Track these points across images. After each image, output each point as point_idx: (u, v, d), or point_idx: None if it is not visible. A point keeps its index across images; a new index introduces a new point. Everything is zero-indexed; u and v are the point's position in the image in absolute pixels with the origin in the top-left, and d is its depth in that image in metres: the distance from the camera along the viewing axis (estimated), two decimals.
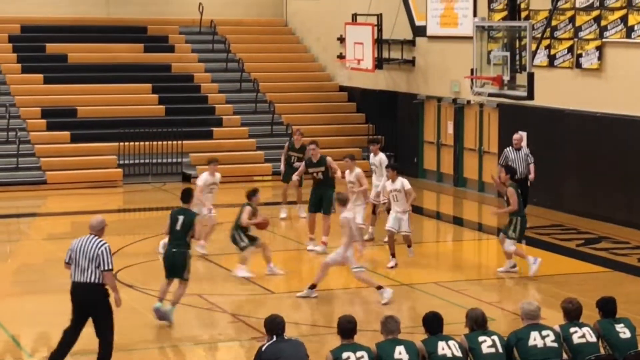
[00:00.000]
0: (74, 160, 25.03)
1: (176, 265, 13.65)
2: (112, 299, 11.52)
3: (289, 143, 20.67)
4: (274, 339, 9.38)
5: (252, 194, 16.10)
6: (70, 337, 11.60)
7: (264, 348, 9.33)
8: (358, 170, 17.63)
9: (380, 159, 18.24)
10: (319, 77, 30.09)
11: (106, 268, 11.36)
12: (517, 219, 16.09)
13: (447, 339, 9.49)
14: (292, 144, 20.49)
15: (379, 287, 14.66)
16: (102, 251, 11.36)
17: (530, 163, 19.36)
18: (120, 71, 28.17)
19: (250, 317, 13.88)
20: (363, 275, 14.82)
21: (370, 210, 18.19)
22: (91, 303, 11.45)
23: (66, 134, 25.76)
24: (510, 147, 19.57)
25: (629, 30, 20.14)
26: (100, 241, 11.47)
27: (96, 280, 11.37)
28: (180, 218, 13.72)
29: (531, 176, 19.23)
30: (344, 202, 14.91)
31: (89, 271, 11.35)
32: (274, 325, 9.47)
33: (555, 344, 9.62)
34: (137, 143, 25.45)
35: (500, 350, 9.52)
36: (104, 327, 11.50)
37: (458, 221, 21.37)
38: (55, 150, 25.30)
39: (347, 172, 17.67)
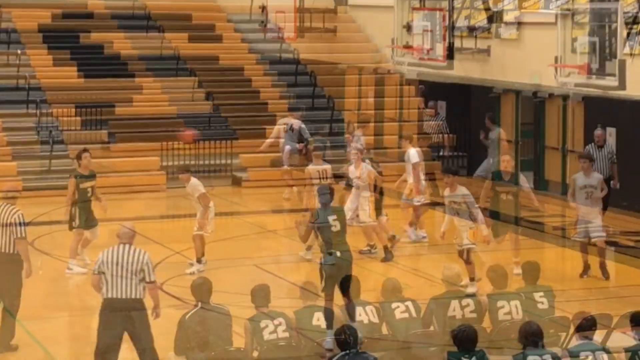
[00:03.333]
0: None
1: None
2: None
3: None
4: (199, 306, 9.47)
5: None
6: None
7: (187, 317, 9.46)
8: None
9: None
10: (242, 48, 29.44)
11: (18, 236, 11.03)
12: None
13: (364, 304, 9.72)
14: None
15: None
16: (15, 218, 11.03)
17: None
18: None
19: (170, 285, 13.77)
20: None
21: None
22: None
23: None
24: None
25: None
26: (14, 208, 11.15)
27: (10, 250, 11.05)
28: None
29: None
30: None
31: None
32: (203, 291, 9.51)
33: (474, 315, 9.74)
34: None
35: (414, 315, 9.67)
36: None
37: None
38: None
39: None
